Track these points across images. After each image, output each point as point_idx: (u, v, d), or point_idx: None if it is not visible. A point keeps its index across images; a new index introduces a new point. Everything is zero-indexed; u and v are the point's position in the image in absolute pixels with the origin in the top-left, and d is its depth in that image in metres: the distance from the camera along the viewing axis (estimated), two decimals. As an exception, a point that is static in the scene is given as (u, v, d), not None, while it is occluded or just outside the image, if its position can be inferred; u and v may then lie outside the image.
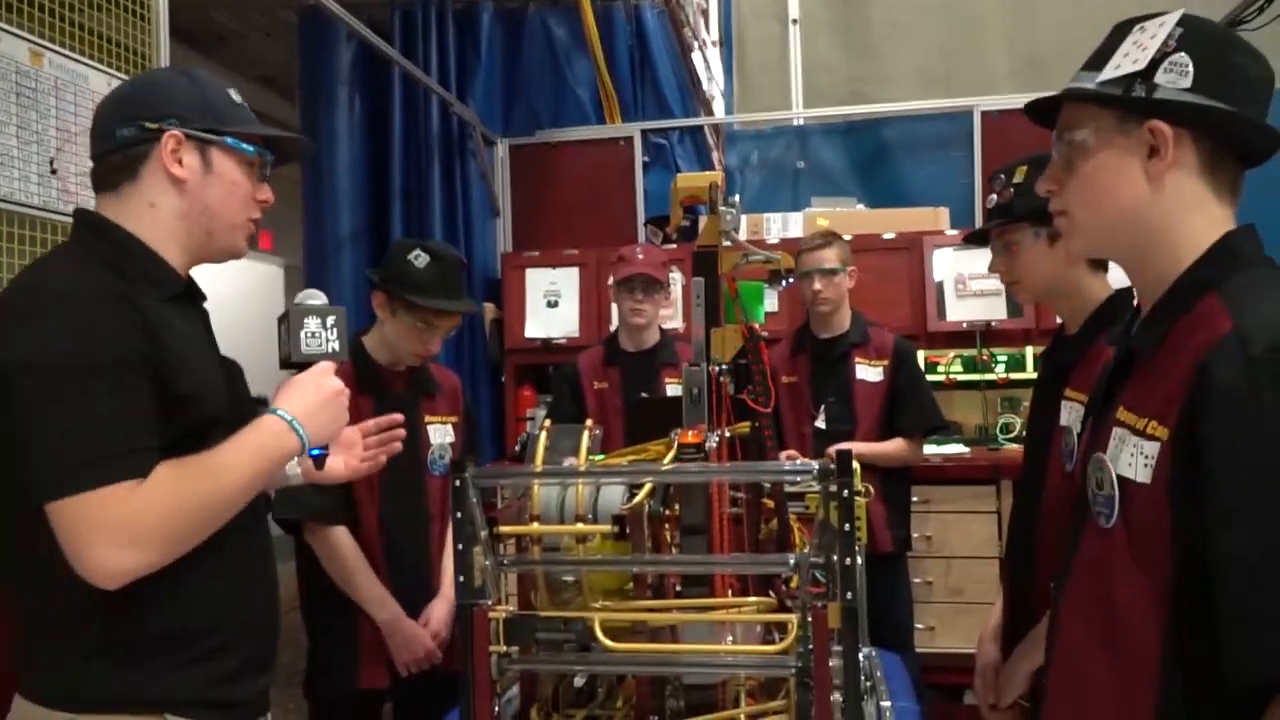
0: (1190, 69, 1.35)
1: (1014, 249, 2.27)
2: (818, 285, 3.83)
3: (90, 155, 1.75)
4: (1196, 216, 1.39)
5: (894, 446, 3.88)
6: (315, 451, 1.75)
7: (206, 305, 1.85)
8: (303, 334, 1.78)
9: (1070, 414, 2.07)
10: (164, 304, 1.67)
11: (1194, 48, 1.36)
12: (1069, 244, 1.54)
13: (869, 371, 3.91)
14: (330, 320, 1.81)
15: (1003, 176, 2.30)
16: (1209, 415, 1.23)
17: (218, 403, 1.71)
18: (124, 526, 1.50)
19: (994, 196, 2.31)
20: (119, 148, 1.70)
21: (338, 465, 2.06)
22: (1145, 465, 1.32)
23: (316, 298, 1.87)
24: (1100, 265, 2.20)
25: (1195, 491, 1.23)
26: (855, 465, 1.63)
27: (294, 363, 1.78)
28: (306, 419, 1.70)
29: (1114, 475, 1.39)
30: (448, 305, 2.91)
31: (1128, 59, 1.39)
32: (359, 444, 2.12)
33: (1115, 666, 1.36)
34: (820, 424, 3.90)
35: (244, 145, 1.76)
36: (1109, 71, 1.41)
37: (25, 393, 1.50)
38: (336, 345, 1.81)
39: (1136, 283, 1.49)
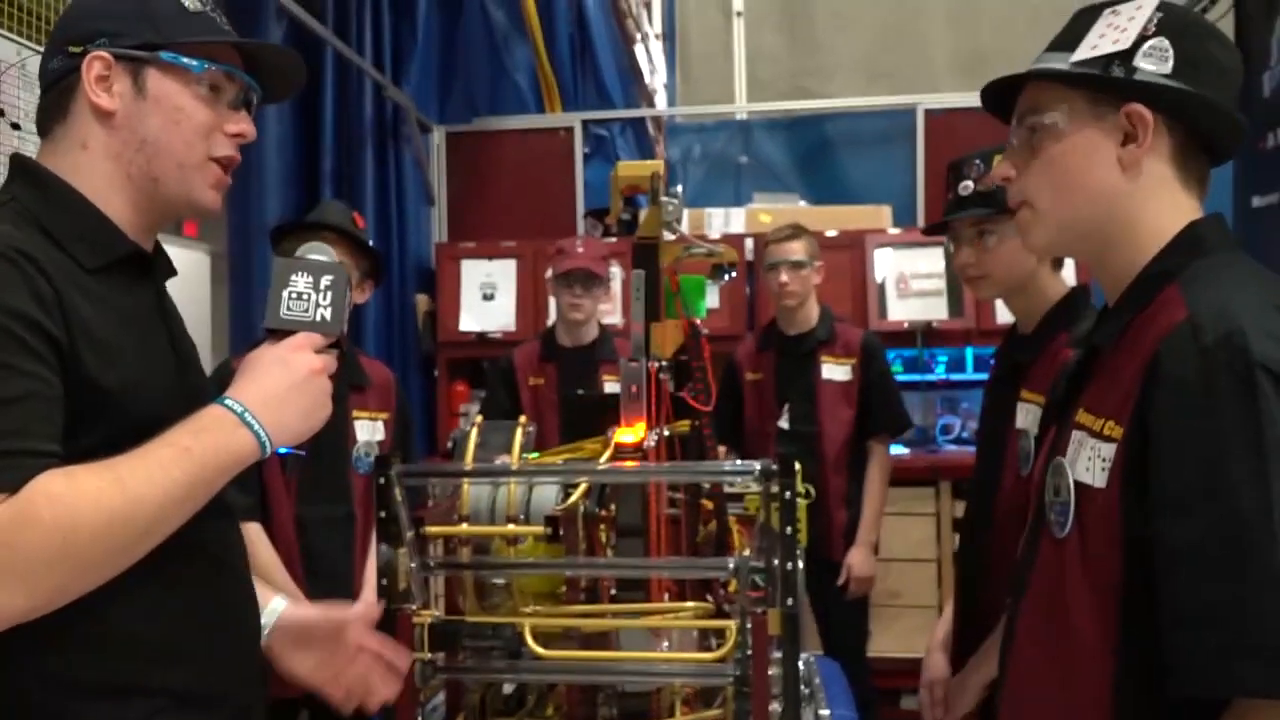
0: (1170, 55, 1.30)
1: (989, 241, 2.18)
2: (784, 278, 3.74)
3: None
4: (1164, 208, 1.35)
5: (875, 485, 3.80)
6: (284, 450, 1.38)
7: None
8: (286, 293, 1.39)
9: (1026, 416, 2.03)
10: (98, 273, 1.34)
11: (1173, 33, 1.31)
12: (1029, 237, 1.46)
13: (835, 370, 3.82)
14: (325, 280, 1.40)
15: (979, 163, 2.20)
16: (1158, 406, 1.19)
17: (160, 399, 1.35)
18: None
19: (969, 184, 2.20)
20: (51, 83, 1.39)
21: (303, 663, 1.56)
22: (1102, 469, 1.27)
23: (320, 252, 1.47)
24: (1059, 263, 2.15)
25: (1144, 488, 1.19)
26: (796, 466, 1.57)
27: (271, 330, 1.39)
28: (265, 409, 1.31)
29: (1070, 481, 1.33)
30: (308, 219, 2.79)
31: (1105, 40, 1.34)
32: (346, 645, 1.56)
33: (1068, 686, 1.31)
34: (784, 424, 3.83)
35: (185, 59, 1.39)
36: (1085, 52, 1.35)
37: None
38: (327, 313, 1.40)
39: (1101, 278, 1.43)
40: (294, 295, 1.39)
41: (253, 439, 1.30)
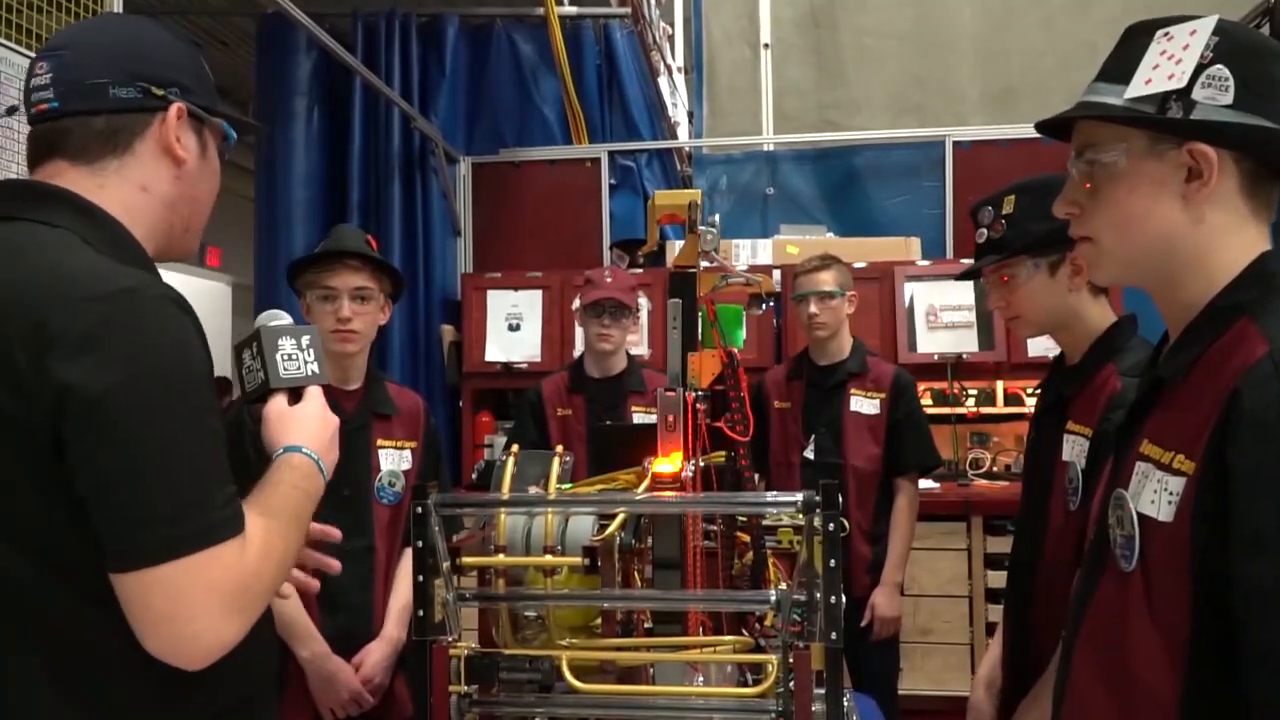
0: (1231, 84, 1.24)
1: (1012, 283, 2.15)
2: (814, 309, 3.68)
3: (37, 107, 1.38)
4: (1232, 239, 1.29)
5: (902, 523, 3.71)
6: None
7: None
8: (279, 357, 1.55)
9: (1073, 448, 1.98)
10: None
11: (1233, 59, 1.24)
12: (1095, 272, 1.43)
13: (864, 403, 3.75)
14: (305, 340, 1.59)
15: (990, 209, 2.19)
16: (1238, 441, 1.14)
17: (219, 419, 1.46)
18: (236, 592, 1.24)
19: (983, 231, 2.19)
20: (109, 109, 1.37)
21: None
22: (1169, 502, 1.22)
23: (282, 318, 1.63)
24: (1100, 291, 2.11)
25: (1219, 526, 1.14)
26: (839, 499, 1.54)
27: (271, 389, 1.54)
28: (324, 455, 1.51)
29: (1134, 513, 1.28)
30: (327, 247, 2.76)
31: (1159, 72, 1.27)
32: None
33: None
34: (809, 454, 3.77)
35: (233, 132, 1.52)
36: (1139, 87, 1.29)
37: (109, 425, 1.19)
38: (316, 367, 1.59)
39: (1164, 309, 1.39)
40: (285, 356, 1.56)
41: (323, 482, 1.49)
